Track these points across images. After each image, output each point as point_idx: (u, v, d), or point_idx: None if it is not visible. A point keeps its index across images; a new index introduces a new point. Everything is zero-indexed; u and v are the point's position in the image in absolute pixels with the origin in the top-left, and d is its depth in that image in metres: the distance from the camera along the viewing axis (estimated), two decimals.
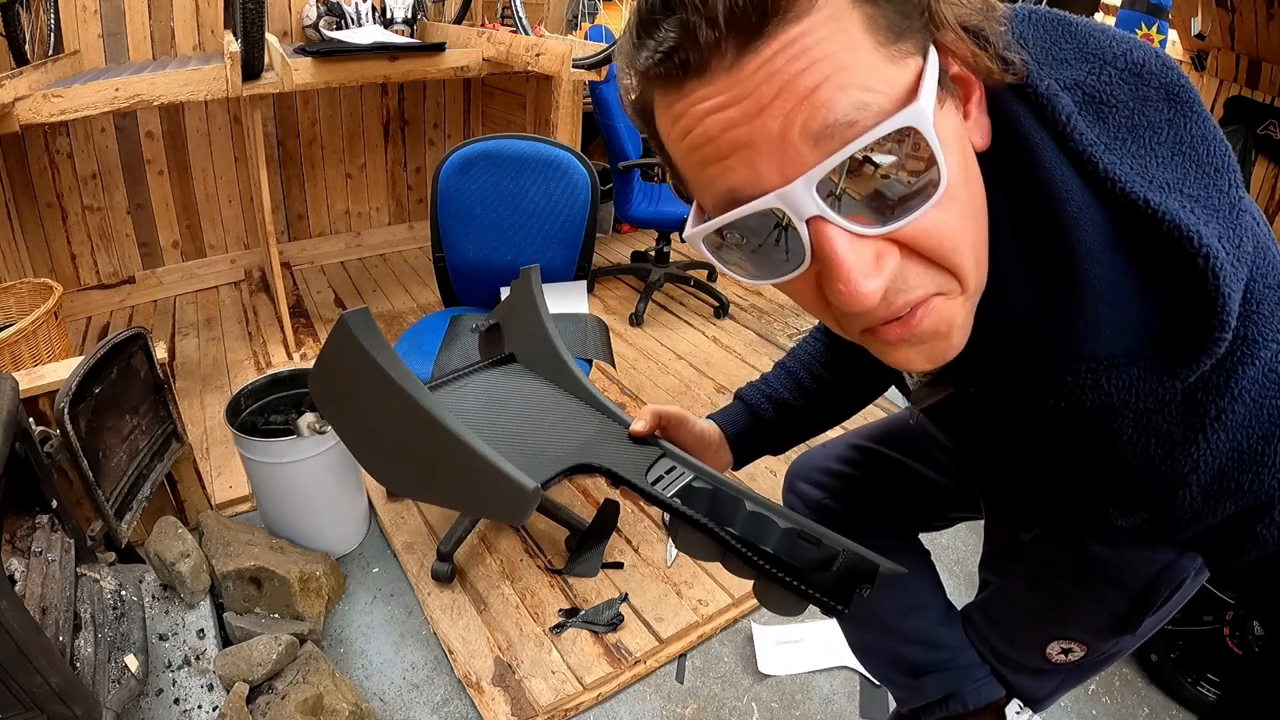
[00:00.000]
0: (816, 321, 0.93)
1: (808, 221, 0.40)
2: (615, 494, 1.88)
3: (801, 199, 0.39)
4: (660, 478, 0.64)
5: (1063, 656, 0.85)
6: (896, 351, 0.47)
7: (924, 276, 0.43)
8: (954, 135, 0.41)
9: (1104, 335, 0.45)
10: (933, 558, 1.08)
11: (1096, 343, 0.45)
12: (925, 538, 1.07)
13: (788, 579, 0.56)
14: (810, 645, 1.59)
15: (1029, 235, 0.46)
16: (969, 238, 0.43)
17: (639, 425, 0.67)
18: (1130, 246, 0.44)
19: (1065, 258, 0.44)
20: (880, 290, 0.41)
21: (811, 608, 0.58)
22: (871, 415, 0.96)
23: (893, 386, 0.91)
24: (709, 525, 0.58)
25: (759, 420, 0.86)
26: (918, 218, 0.40)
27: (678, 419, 0.74)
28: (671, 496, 0.61)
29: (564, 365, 0.72)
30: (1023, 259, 0.46)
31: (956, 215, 0.42)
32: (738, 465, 0.85)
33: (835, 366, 0.87)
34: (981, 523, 0.94)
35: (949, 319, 0.45)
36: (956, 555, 1.82)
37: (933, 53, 0.40)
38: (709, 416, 0.86)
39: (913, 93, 0.38)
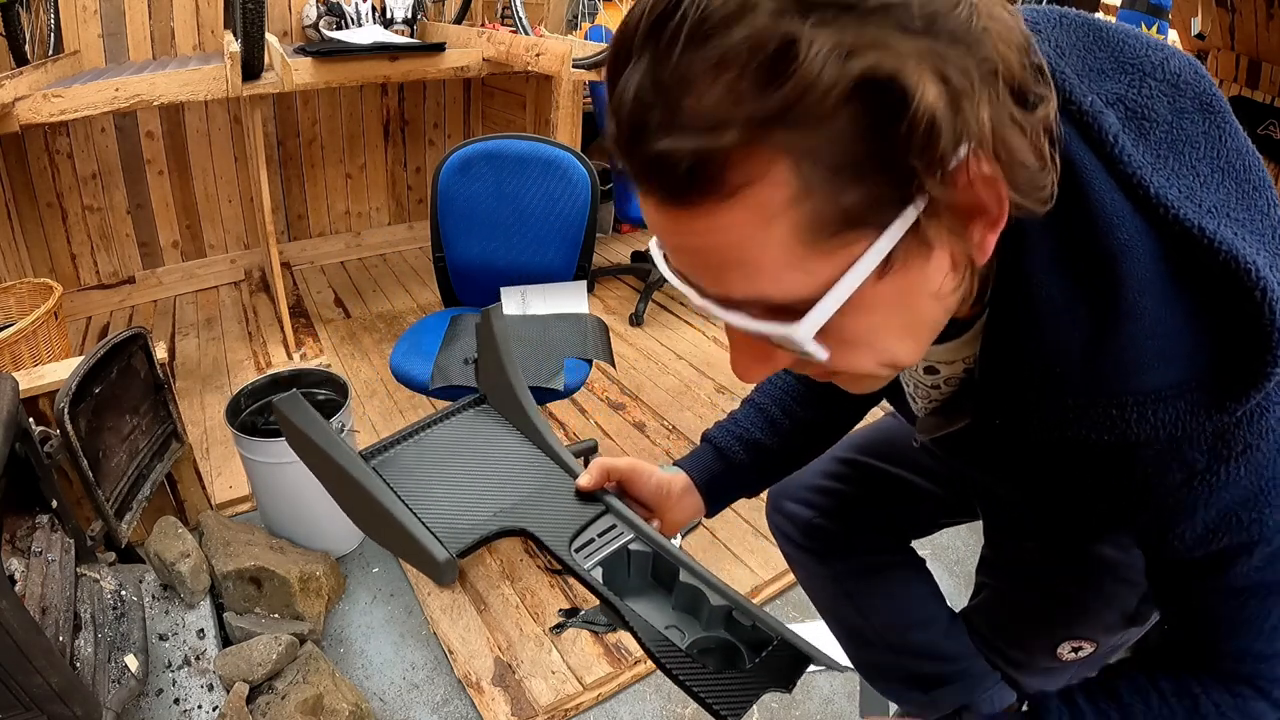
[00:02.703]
0: None
1: None
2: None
3: (711, 309, 0.42)
4: (592, 540, 0.64)
5: (1073, 654, 0.85)
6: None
7: (817, 370, 0.47)
8: (892, 295, 0.40)
9: (1152, 367, 0.43)
10: (932, 557, 1.07)
11: (1144, 375, 0.43)
12: (925, 538, 1.07)
13: (680, 679, 0.57)
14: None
15: (1074, 264, 0.43)
16: (875, 360, 0.45)
17: (584, 480, 0.67)
18: (1181, 276, 0.42)
19: (1114, 288, 0.42)
20: (759, 378, 0.48)
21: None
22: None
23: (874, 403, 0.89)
24: (614, 604, 0.59)
25: (730, 463, 0.81)
26: (779, 361, 0.45)
27: (630, 472, 0.71)
28: (592, 566, 0.62)
29: (522, 410, 0.73)
30: (1066, 289, 0.44)
31: (852, 357, 0.44)
32: (711, 512, 0.81)
33: (807, 400, 0.84)
34: (978, 523, 0.94)
35: (863, 383, 0.49)
36: (956, 555, 1.82)
37: (897, 225, 0.37)
38: (676, 462, 0.82)
39: (819, 283, 0.38)
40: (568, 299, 1.75)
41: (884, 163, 0.34)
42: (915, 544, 1.06)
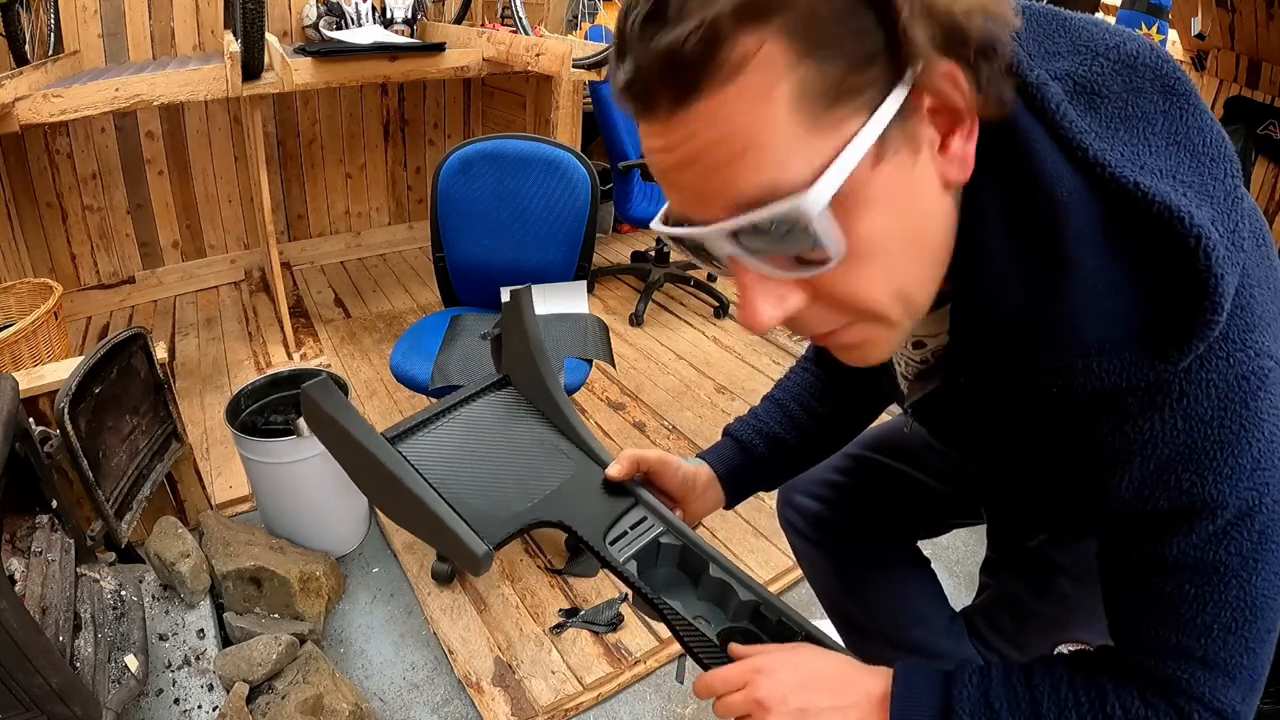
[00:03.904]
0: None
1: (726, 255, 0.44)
2: None
3: (717, 242, 0.43)
4: (625, 533, 0.65)
5: None
6: (827, 349, 0.51)
7: (833, 318, 0.47)
8: (891, 190, 0.42)
9: (1093, 320, 0.45)
10: (932, 557, 1.07)
11: (1086, 328, 0.45)
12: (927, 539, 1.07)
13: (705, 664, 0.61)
14: None
15: (1020, 224, 0.46)
16: (887, 286, 0.45)
17: (614, 470, 0.67)
18: (1121, 232, 0.44)
19: (1055, 244, 0.44)
20: (774, 321, 0.46)
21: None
22: None
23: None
24: (651, 598, 0.61)
25: (750, 456, 0.84)
26: (816, 276, 0.43)
27: (659, 463, 0.72)
28: (627, 559, 0.63)
29: (550, 398, 0.72)
30: (1014, 248, 0.46)
31: (865, 272, 0.44)
32: (731, 504, 0.83)
33: (825, 396, 0.86)
34: (981, 525, 0.94)
35: (872, 339, 0.48)
36: (956, 555, 1.82)
37: (885, 106, 0.39)
38: (699, 455, 0.84)
39: (823, 170, 0.39)
40: (568, 299, 1.75)
41: (864, 37, 0.37)
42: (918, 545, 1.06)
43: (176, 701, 1.27)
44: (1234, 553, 0.48)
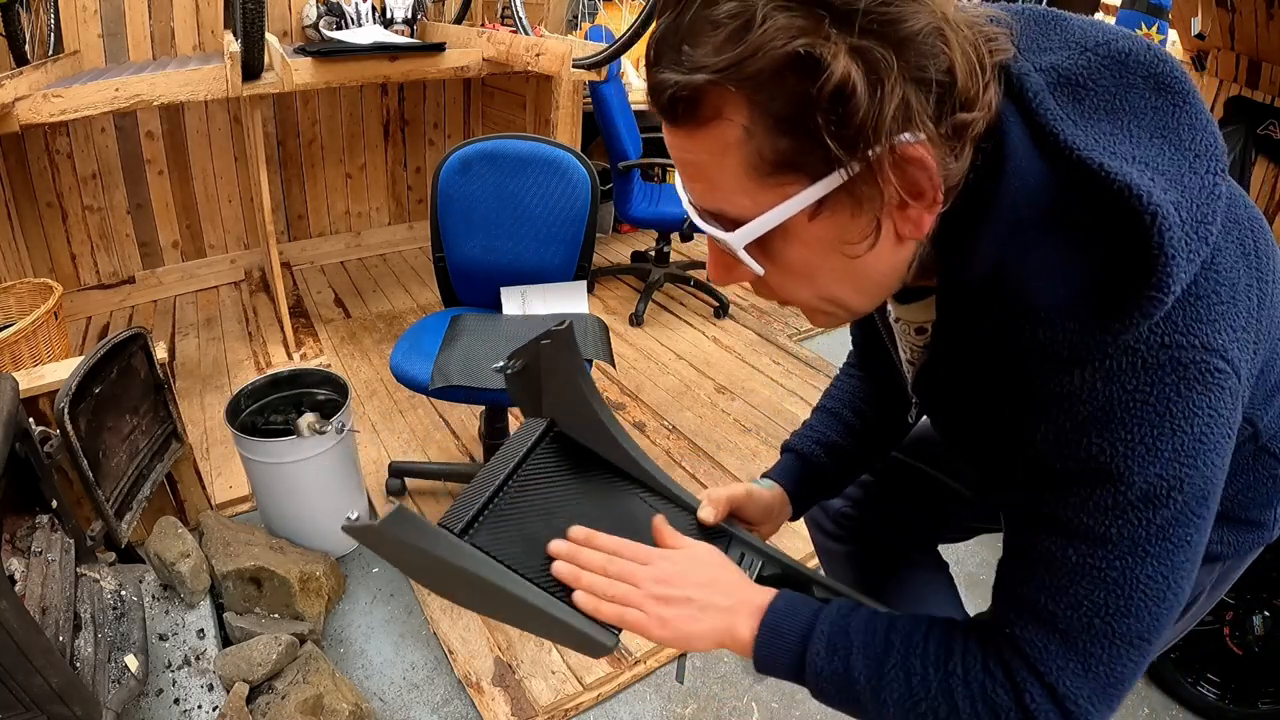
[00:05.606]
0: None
1: None
2: None
3: (689, 211, 0.53)
4: None
5: None
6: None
7: (768, 292, 0.55)
8: (824, 235, 0.48)
9: (1043, 291, 0.47)
10: None
11: (1037, 297, 0.47)
12: None
13: None
14: None
15: (987, 205, 0.48)
16: (812, 293, 0.53)
17: (708, 516, 0.70)
18: (1080, 210, 0.45)
19: (1013, 220, 0.47)
20: (723, 282, 0.56)
21: None
22: None
23: None
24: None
25: (814, 468, 0.86)
26: (740, 273, 0.53)
27: (743, 497, 0.75)
28: None
29: (617, 445, 0.70)
30: (978, 225, 0.48)
31: (791, 282, 0.53)
32: (795, 516, 0.85)
33: (873, 399, 0.88)
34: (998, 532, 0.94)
35: (826, 313, 0.56)
36: (957, 555, 1.82)
37: (824, 182, 0.45)
38: (765, 475, 0.86)
39: (759, 209, 0.47)
40: (568, 299, 1.75)
41: (809, 125, 0.43)
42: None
43: (176, 701, 1.27)
44: (1126, 535, 0.48)
